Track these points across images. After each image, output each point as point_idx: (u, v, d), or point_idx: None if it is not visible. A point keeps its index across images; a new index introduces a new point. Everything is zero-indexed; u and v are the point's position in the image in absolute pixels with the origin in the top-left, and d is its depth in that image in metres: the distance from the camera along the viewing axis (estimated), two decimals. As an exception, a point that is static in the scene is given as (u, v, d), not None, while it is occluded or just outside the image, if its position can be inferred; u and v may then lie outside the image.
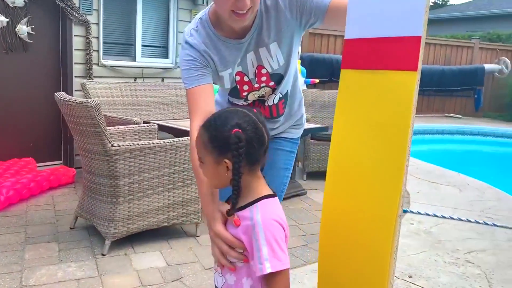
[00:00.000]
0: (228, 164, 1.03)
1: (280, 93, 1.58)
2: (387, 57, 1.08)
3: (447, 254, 2.85)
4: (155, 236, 2.83)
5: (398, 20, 1.05)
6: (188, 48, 1.41)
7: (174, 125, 3.48)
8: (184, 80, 1.40)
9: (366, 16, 1.13)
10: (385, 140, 1.08)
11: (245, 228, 1.03)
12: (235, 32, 1.41)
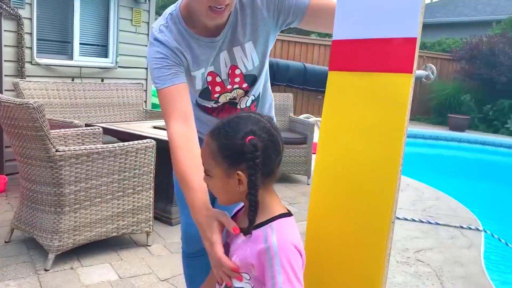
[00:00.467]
0: (241, 176, 0.92)
1: (253, 95, 1.51)
2: (381, 59, 1.05)
3: (398, 254, 2.92)
4: (103, 247, 2.64)
5: (392, 20, 1.02)
6: (158, 45, 1.30)
7: (119, 128, 3.28)
8: (156, 79, 1.28)
9: (357, 16, 1.10)
10: (378, 142, 1.05)
11: (258, 251, 0.90)
12: (208, 30, 1.33)
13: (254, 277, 0.93)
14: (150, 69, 1.31)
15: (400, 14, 1.01)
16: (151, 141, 2.67)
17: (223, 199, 1.00)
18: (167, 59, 1.28)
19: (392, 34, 1.02)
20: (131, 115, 4.49)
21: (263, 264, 0.89)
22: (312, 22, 1.34)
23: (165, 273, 2.42)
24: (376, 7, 1.06)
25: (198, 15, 1.28)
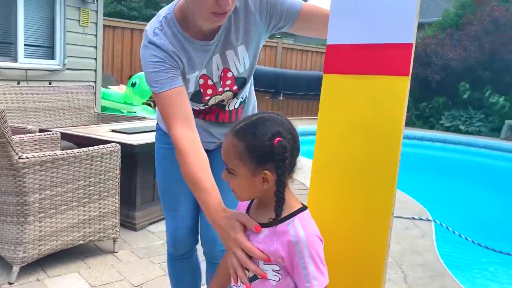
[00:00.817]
0: (268, 175, 0.96)
1: (241, 98, 1.54)
2: (378, 63, 1.11)
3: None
4: (69, 256, 2.54)
5: (388, 26, 1.09)
6: (153, 49, 1.29)
7: (78, 133, 3.17)
8: (153, 83, 1.27)
9: (351, 22, 1.16)
10: (377, 142, 1.11)
11: (286, 244, 0.95)
12: (202, 33, 1.34)
13: (283, 267, 0.98)
14: (146, 73, 1.30)
15: (396, 20, 1.08)
16: (116, 145, 2.61)
17: (244, 196, 1.04)
18: (164, 63, 1.28)
19: (388, 39, 1.09)
20: (83, 119, 4.33)
21: (292, 256, 0.95)
22: (303, 27, 1.39)
23: (138, 279, 2.38)
24: (370, 13, 1.12)
25: (194, 19, 1.29)
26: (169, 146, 1.60)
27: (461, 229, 3.72)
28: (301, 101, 11.01)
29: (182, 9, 1.32)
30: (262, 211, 1.04)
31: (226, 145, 1.01)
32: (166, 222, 1.65)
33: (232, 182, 1.02)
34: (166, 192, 1.62)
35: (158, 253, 2.71)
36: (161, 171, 1.63)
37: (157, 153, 1.66)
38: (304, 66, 11.06)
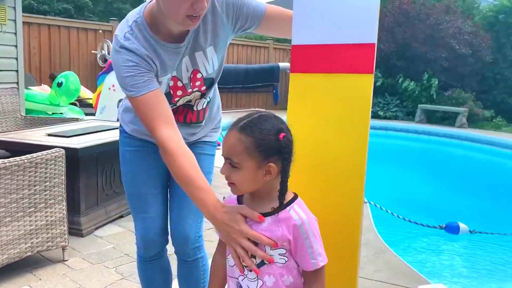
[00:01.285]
0: (272, 167, 1.05)
1: (208, 97, 1.58)
2: (344, 62, 1.21)
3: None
4: (15, 270, 2.42)
5: (352, 28, 1.19)
6: (126, 53, 1.30)
7: (11, 139, 2.98)
8: (129, 88, 1.28)
9: (315, 23, 1.25)
10: (346, 135, 1.22)
11: (292, 227, 1.05)
12: (172, 36, 1.36)
13: (288, 250, 1.07)
14: (119, 77, 1.30)
15: (358, 22, 1.19)
16: (60, 150, 2.51)
17: (246, 189, 1.10)
18: (139, 66, 1.29)
19: (352, 40, 1.20)
20: (9, 123, 4.06)
21: (297, 237, 1.06)
22: (268, 28, 1.46)
23: (94, 285, 2.33)
24: (333, 14, 1.22)
25: (165, 22, 1.31)
26: (135, 149, 1.61)
27: (391, 207, 4.05)
28: (230, 94, 11.09)
29: (152, 12, 1.33)
30: (257, 202, 1.11)
31: (231, 140, 1.06)
32: (136, 225, 1.64)
33: (235, 176, 1.07)
34: (135, 195, 1.62)
35: (111, 258, 2.66)
36: (129, 174, 1.62)
37: (123, 156, 1.64)
38: (231, 59, 11.13)
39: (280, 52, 12.39)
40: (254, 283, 1.10)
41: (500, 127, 9.98)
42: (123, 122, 1.64)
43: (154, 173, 1.62)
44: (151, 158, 1.62)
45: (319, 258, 1.07)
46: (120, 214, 3.33)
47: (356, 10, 1.19)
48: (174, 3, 1.22)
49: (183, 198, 1.63)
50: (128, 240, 2.94)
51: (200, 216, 1.66)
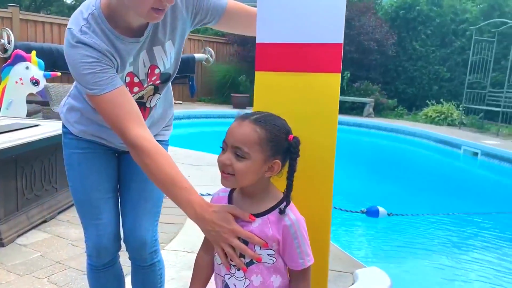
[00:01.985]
0: (276, 164, 1.07)
1: (159, 94, 1.51)
2: (310, 61, 1.23)
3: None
4: None
5: (319, 27, 1.21)
6: (85, 49, 1.19)
7: None
8: (91, 86, 1.19)
9: (280, 21, 1.24)
10: (314, 133, 1.23)
11: (282, 228, 1.06)
12: (131, 30, 1.28)
13: (277, 250, 1.08)
14: (77, 75, 1.20)
15: (325, 21, 1.20)
16: (-24, 153, 2.26)
17: (245, 181, 1.07)
18: (100, 63, 1.19)
19: (319, 39, 1.22)
20: None
21: (286, 238, 1.07)
22: (228, 24, 1.44)
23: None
24: (299, 13, 1.22)
25: (126, 15, 1.23)
26: (84, 151, 1.50)
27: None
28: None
29: (110, 4, 1.24)
30: (247, 202, 1.11)
31: (246, 130, 1.05)
32: (87, 232, 1.54)
33: (239, 165, 1.04)
34: (86, 201, 1.50)
35: (40, 267, 2.46)
36: (77, 178, 1.51)
37: (69, 160, 1.52)
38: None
39: (195, 43, 12.23)
40: (241, 282, 1.10)
41: (402, 116, 10.85)
42: (67, 122, 1.52)
43: (105, 176, 1.53)
44: (102, 160, 1.52)
45: (307, 258, 1.08)
46: (43, 219, 3.08)
47: (322, 9, 1.21)
48: None
49: (137, 201, 1.56)
50: (56, 246, 2.74)
51: (155, 219, 1.60)
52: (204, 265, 1.20)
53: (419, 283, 3.02)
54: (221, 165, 1.07)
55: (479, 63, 10.06)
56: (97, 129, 1.48)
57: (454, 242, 3.95)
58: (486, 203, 5.23)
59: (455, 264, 3.43)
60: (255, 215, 1.08)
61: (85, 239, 1.55)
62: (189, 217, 1.12)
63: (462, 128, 9.55)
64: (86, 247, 1.56)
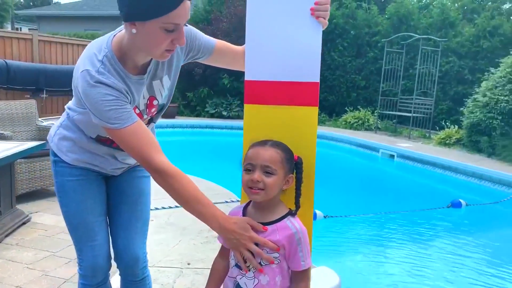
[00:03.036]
0: (291, 179, 1.35)
1: (155, 123, 1.65)
2: (292, 96, 1.45)
3: (197, 236, 3.39)
4: None
5: (299, 68, 1.44)
6: (105, 88, 1.32)
7: None
8: (113, 120, 1.32)
9: (265, 62, 1.46)
10: (296, 153, 1.46)
11: (288, 235, 1.30)
12: (137, 68, 1.43)
13: (282, 255, 1.31)
14: (99, 111, 1.32)
15: (304, 63, 1.44)
16: None
17: (273, 193, 1.30)
18: (119, 100, 1.33)
19: (299, 79, 1.45)
20: None
21: (291, 243, 1.30)
22: (216, 60, 1.63)
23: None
24: (281, 55, 1.45)
25: (134, 55, 1.38)
26: (77, 178, 1.60)
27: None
28: (67, 97, 10.33)
29: (121, 46, 1.37)
30: (260, 214, 1.34)
31: (271, 152, 1.31)
32: (82, 254, 1.63)
33: (269, 180, 1.28)
34: (81, 224, 1.60)
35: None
36: (72, 204, 1.59)
37: (63, 187, 1.60)
38: (66, 60, 10.35)
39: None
40: (251, 281, 1.32)
41: (324, 122, 11.51)
42: (59, 151, 1.60)
43: (98, 200, 1.64)
44: (94, 186, 1.63)
45: (307, 261, 1.32)
46: (-9, 243, 3.00)
47: (301, 54, 1.44)
48: (157, 40, 1.29)
49: (129, 221, 1.68)
50: (12, 271, 2.70)
51: (145, 236, 1.73)
52: (220, 268, 1.43)
53: (363, 277, 3.38)
54: (253, 182, 1.28)
55: (391, 72, 11.03)
56: (90, 157, 1.58)
57: (385, 238, 4.41)
58: (406, 201, 5.84)
59: (392, 258, 3.86)
60: (266, 224, 1.31)
61: (79, 260, 1.64)
62: (213, 229, 1.31)
63: (378, 132, 10.38)
64: (79, 268, 1.65)
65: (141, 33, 1.30)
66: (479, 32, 10.48)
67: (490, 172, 6.40)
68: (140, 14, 1.26)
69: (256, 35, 1.47)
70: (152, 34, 1.29)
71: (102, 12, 18.62)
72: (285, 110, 1.47)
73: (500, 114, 7.39)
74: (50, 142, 1.65)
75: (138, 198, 1.70)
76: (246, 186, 1.31)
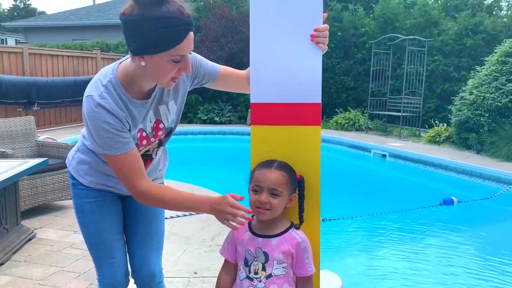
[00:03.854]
0: (294, 197, 1.49)
1: (164, 146, 1.74)
2: (295, 116, 1.56)
3: (200, 246, 3.48)
4: None
5: (300, 90, 1.55)
6: (105, 114, 1.41)
7: None
8: (108, 147, 1.44)
9: (269, 86, 1.56)
10: (301, 170, 1.56)
11: (295, 244, 1.46)
12: (142, 93, 1.53)
13: (289, 264, 1.45)
14: (96, 136, 1.43)
15: (306, 86, 1.54)
16: None
17: (277, 212, 1.45)
18: (117, 128, 1.43)
19: (303, 100, 1.55)
20: None
21: (298, 252, 1.46)
22: (221, 84, 1.74)
23: None
24: (284, 79, 1.55)
25: (139, 82, 1.47)
26: (95, 199, 1.70)
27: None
28: (58, 109, 10.36)
29: (127, 74, 1.47)
30: (265, 227, 1.47)
31: (276, 175, 1.44)
32: (102, 272, 1.71)
33: (275, 202, 1.42)
34: (101, 244, 1.69)
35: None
36: (92, 224, 1.69)
37: (82, 209, 1.70)
38: (57, 72, 10.37)
39: (109, 61, 12.01)
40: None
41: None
42: (77, 174, 1.69)
43: (115, 219, 1.73)
44: (111, 206, 1.73)
45: (312, 266, 1.47)
46: (0, 261, 3.07)
47: (303, 76, 1.55)
48: (165, 70, 1.39)
49: (144, 239, 1.78)
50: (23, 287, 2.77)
51: (160, 253, 1.83)
52: (224, 284, 1.53)
53: (365, 279, 3.49)
54: (260, 203, 1.41)
55: (379, 72, 11.21)
56: (105, 179, 1.68)
57: (382, 238, 4.53)
58: (399, 200, 5.98)
59: (389, 259, 3.98)
60: (273, 236, 1.44)
61: (99, 277, 1.73)
62: (205, 212, 1.46)
63: (369, 132, 10.54)
64: (99, 284, 1.74)
65: (150, 65, 1.39)
66: (462, 31, 10.70)
67: (480, 168, 6.58)
68: (149, 49, 1.36)
69: (260, 60, 1.57)
70: (160, 65, 1.39)
71: (89, 22, 18.61)
72: (290, 129, 1.58)
73: (487, 111, 7.59)
74: (69, 166, 1.74)
75: (152, 217, 1.80)
76: (254, 205, 1.44)
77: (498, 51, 8.05)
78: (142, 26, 1.32)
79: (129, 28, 1.36)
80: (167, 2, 1.32)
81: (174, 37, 1.34)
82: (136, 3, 1.32)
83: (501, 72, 7.70)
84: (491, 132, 7.50)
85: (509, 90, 7.41)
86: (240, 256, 1.50)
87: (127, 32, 1.37)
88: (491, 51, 8.64)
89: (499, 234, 4.85)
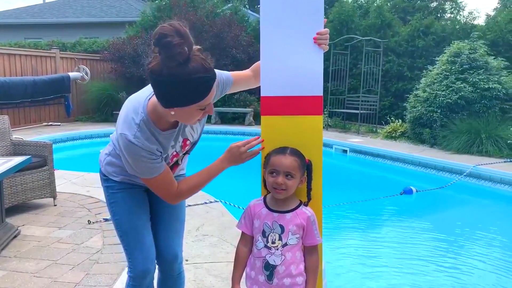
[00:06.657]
0: (304, 179, 1.73)
1: (189, 154, 1.94)
2: (300, 107, 1.79)
3: (187, 236, 3.64)
4: None
5: (304, 84, 1.78)
6: (140, 151, 1.61)
7: None
8: (148, 173, 1.67)
9: (278, 81, 1.79)
10: (305, 155, 1.80)
11: (306, 218, 1.69)
12: (169, 124, 1.71)
13: (300, 235, 1.68)
14: (135, 165, 1.66)
15: (309, 80, 1.78)
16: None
17: (291, 192, 1.67)
18: (151, 158, 1.64)
19: (306, 93, 1.79)
20: None
21: (308, 224, 1.69)
22: (235, 88, 1.96)
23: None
24: (290, 75, 1.78)
25: (166, 117, 1.64)
26: (125, 188, 1.88)
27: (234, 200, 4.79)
28: (17, 110, 10.09)
29: (156, 111, 1.64)
30: (278, 204, 1.70)
31: (291, 160, 1.67)
32: (133, 258, 1.85)
33: (290, 183, 1.65)
34: (132, 229, 1.85)
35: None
36: (124, 212, 1.86)
37: (114, 198, 1.87)
38: (14, 71, 10.09)
39: (68, 61, 11.81)
40: (278, 258, 1.65)
41: (277, 122, 11.95)
42: (108, 173, 1.89)
43: (143, 207, 1.91)
44: (139, 195, 1.91)
45: (319, 237, 1.72)
46: (-8, 257, 3.10)
47: (307, 72, 1.78)
48: (191, 116, 1.59)
49: (168, 223, 1.96)
50: (21, 280, 2.84)
51: (182, 235, 2.02)
52: (243, 255, 1.74)
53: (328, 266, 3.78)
54: (277, 184, 1.63)
55: (337, 72, 11.69)
56: (134, 177, 1.84)
57: (346, 227, 4.86)
58: (361, 191, 6.35)
59: (353, 246, 4.30)
60: (287, 211, 1.67)
61: (130, 263, 1.87)
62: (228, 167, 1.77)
63: (329, 129, 10.97)
64: (130, 270, 1.88)
65: (179, 113, 1.58)
66: (414, 32, 11.36)
67: (434, 160, 7.10)
68: (178, 104, 1.54)
69: (270, 60, 1.80)
70: (189, 113, 1.58)
71: (42, 20, 18.03)
72: (295, 119, 1.81)
73: (439, 108, 8.16)
74: (101, 166, 1.92)
75: (175, 215, 2.01)
76: (271, 186, 1.67)
77: (448, 51, 8.67)
78: (172, 87, 1.48)
79: (159, 86, 1.51)
80: (192, 59, 1.46)
81: (201, 94, 1.53)
82: (163, 65, 1.45)
83: (450, 71, 8.31)
84: (443, 127, 8.08)
85: (458, 88, 8.02)
86: (257, 229, 1.71)
87: (157, 88, 1.53)
88: (441, 52, 9.26)
89: (453, 218, 5.32)
